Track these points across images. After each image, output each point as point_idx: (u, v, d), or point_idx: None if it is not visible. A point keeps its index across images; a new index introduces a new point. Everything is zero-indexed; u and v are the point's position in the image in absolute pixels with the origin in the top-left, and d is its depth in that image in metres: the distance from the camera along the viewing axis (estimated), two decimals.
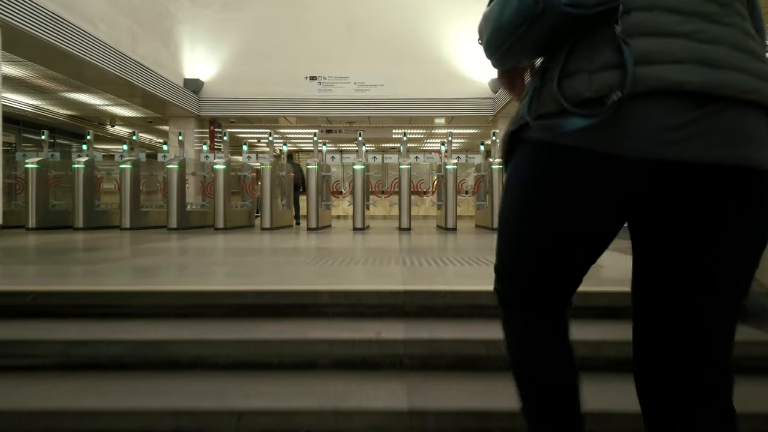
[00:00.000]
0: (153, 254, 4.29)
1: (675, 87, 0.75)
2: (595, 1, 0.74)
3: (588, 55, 0.79)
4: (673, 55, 0.76)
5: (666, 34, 0.77)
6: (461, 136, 16.23)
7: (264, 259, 3.45)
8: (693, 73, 0.75)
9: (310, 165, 8.48)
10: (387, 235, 7.09)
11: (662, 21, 0.78)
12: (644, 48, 0.76)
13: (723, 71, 0.75)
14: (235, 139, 16.47)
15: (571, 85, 0.79)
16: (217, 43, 12.25)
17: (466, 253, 4.29)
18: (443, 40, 12.09)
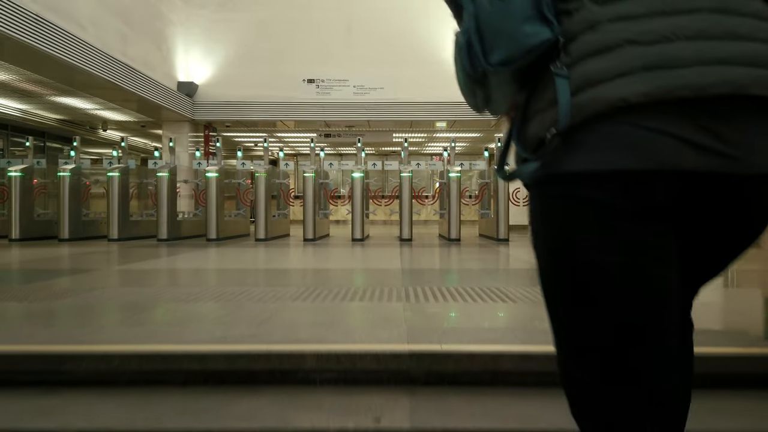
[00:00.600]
0: (121, 282, 3.92)
1: (619, 103, 0.67)
2: (524, 50, 0.71)
3: (540, 95, 0.75)
4: (616, 69, 0.68)
5: (609, 47, 0.69)
6: (463, 140, 15.85)
7: (247, 292, 3.07)
8: (638, 83, 0.67)
9: (306, 173, 8.10)
10: (387, 248, 6.71)
11: (605, 35, 0.70)
12: (584, 72, 0.70)
13: (679, 71, 0.66)
14: (232, 142, 16.11)
15: (529, 129, 0.76)
16: (212, 45, 11.87)
17: (476, 279, 3.92)
18: (445, 41, 11.65)
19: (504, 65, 0.73)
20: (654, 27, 0.68)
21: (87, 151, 15.65)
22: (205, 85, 11.81)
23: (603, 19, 0.70)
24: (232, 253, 6.18)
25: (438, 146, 17.84)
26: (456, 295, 2.89)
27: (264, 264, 4.74)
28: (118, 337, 1.95)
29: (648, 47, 0.68)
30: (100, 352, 1.74)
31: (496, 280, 3.78)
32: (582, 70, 0.70)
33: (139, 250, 6.56)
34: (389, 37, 11.79)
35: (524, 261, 4.99)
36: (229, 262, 5.22)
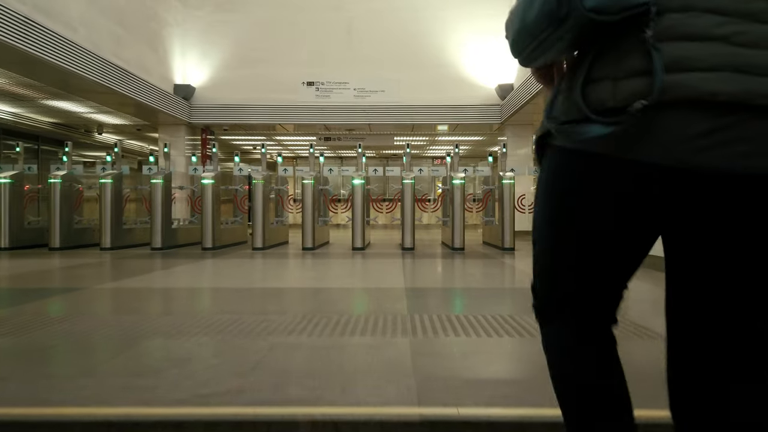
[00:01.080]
0: (99, 307, 3.66)
1: (707, 97, 0.70)
2: (621, 6, 0.70)
3: (615, 61, 0.75)
4: (707, 61, 0.71)
5: (702, 37, 0.72)
6: (466, 143, 15.58)
7: (238, 322, 2.80)
8: (728, 82, 0.70)
9: (305, 179, 7.84)
10: (389, 259, 6.44)
11: (698, 23, 0.72)
12: (676, 54, 0.72)
13: (764, 79, 0.70)
14: (230, 146, 15.84)
15: (594, 91, 0.77)
16: (210, 47, 11.62)
17: (487, 303, 3.65)
18: (448, 43, 11.46)
19: (596, 12, 0.71)
20: (746, 29, 0.71)
21: (83, 154, 15.41)
22: (202, 88, 11.56)
23: (698, 6, 0.72)
24: (226, 265, 5.91)
25: (440, 149, 17.58)
26: (468, 327, 2.62)
27: (259, 281, 4.47)
28: (70, 395, 1.66)
29: (740, 49, 0.71)
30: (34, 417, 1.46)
31: (509, 304, 3.52)
32: (674, 51, 0.71)
33: (129, 262, 6.30)
34: (390, 38, 11.54)
35: None
36: (222, 278, 4.95)
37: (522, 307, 3.04)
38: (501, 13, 5.41)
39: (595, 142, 0.76)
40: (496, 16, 10.54)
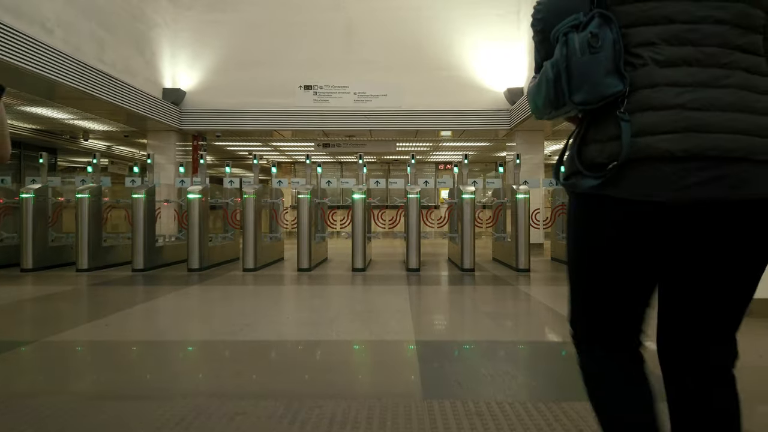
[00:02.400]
0: (26, 380, 3.01)
1: (666, 154, 0.93)
2: (600, 97, 0.98)
3: (601, 129, 1.01)
4: (666, 126, 0.94)
5: (663, 107, 0.95)
6: (472, 149, 14.93)
7: (200, 412, 2.16)
8: (682, 141, 0.92)
9: (301, 193, 7.19)
10: (393, 286, 5.79)
11: (660, 96, 0.96)
12: (643, 122, 0.95)
13: (711, 135, 0.92)
14: (224, 152, 15.18)
15: (587, 152, 1.02)
16: (201, 49, 10.98)
17: (527, 376, 3.01)
18: (453, 45, 10.82)
19: (583, 104, 1.01)
20: (698, 96, 0.94)
21: (72, 161, 14.76)
22: (193, 92, 10.91)
23: (661, 82, 0.97)
24: (206, 299, 5.26)
25: (444, 155, 16.92)
26: (498, 415, 1.98)
27: (240, 328, 3.80)
28: None
29: (692, 112, 0.94)
30: None
31: (549, 373, 2.87)
32: (641, 120, 0.96)
33: (100, 291, 5.65)
34: (392, 40, 10.90)
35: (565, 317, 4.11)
36: (196, 321, 4.29)
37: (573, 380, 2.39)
38: (509, 13, 4.58)
39: (591, 189, 1.01)
40: (504, 16, 9.83)
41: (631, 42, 0.99)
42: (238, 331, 3.57)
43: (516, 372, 2.72)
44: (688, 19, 0.97)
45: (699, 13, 0.97)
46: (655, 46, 0.98)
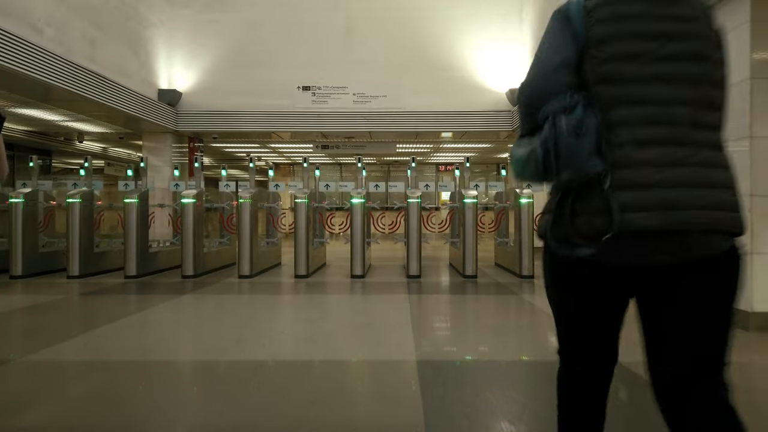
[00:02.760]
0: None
1: (644, 229, 1.09)
2: (584, 175, 1.11)
3: (588, 203, 1.13)
4: (644, 204, 1.09)
5: (641, 186, 1.10)
6: (472, 150, 14.72)
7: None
8: (656, 218, 1.09)
9: (298, 198, 6.98)
10: (393, 295, 5.59)
11: (638, 176, 1.11)
12: (625, 200, 1.10)
13: (680, 212, 1.09)
14: (222, 153, 14.98)
15: (578, 223, 1.15)
16: (197, 49, 10.77)
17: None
18: (455, 45, 10.61)
19: (569, 182, 1.14)
20: (667, 175, 1.10)
21: (68, 162, 14.56)
22: (190, 93, 10.70)
23: (637, 162, 1.11)
24: (198, 310, 5.06)
25: (445, 156, 16.72)
26: None
27: (231, 345, 3.60)
28: None
29: (664, 191, 1.09)
30: None
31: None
32: (623, 198, 1.10)
33: (89, 301, 5.45)
34: (392, 39, 10.70)
35: None
36: (186, 337, 4.08)
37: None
38: (511, 13, 4.16)
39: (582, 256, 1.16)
40: (506, 16, 9.61)
41: (610, 120, 1.13)
42: (229, 349, 3.36)
43: (525, 399, 2.51)
44: (660, 100, 1.12)
45: (670, 95, 1.13)
46: (631, 127, 1.12)
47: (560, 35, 1.20)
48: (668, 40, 1.14)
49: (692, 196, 1.10)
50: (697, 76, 1.15)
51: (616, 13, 1.16)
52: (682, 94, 1.14)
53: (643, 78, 1.14)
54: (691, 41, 1.15)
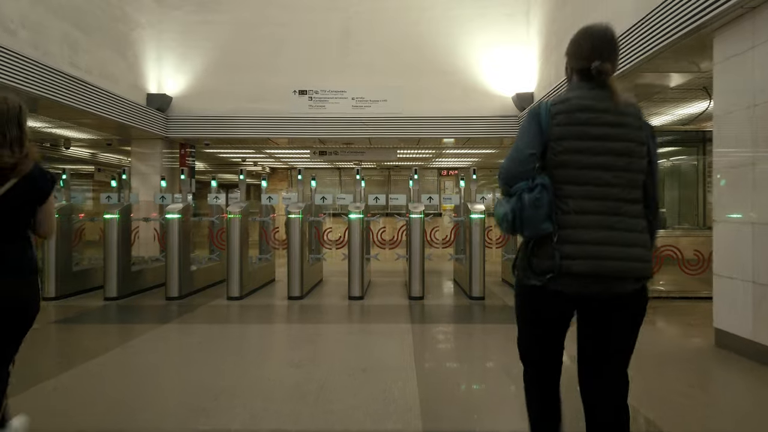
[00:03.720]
0: None
1: (578, 273, 1.62)
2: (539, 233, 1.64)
3: (541, 251, 1.67)
4: (579, 256, 1.62)
5: (579, 242, 1.63)
6: (476, 156, 14.22)
7: None
8: (587, 266, 1.61)
9: (291, 213, 6.47)
10: (395, 324, 5.08)
11: (577, 235, 1.64)
12: (565, 251, 1.62)
13: (606, 261, 1.61)
14: (216, 158, 14.48)
15: (534, 263, 1.68)
16: (189, 51, 10.27)
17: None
18: (458, 46, 10.11)
19: (529, 237, 1.69)
20: (598, 236, 1.62)
21: (55, 167, 14.02)
22: (180, 98, 10.20)
23: (577, 225, 1.63)
24: (176, 347, 4.55)
25: (447, 161, 16.20)
26: None
27: (211, 398, 3.11)
28: None
29: (594, 247, 1.61)
30: None
31: None
32: (564, 249, 1.62)
33: (55, 332, 4.95)
34: (393, 41, 10.20)
35: None
36: (157, 386, 3.58)
37: None
38: (518, 13, 3.44)
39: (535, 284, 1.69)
40: (513, 16, 9.05)
41: (562, 193, 1.68)
42: (208, 409, 2.86)
43: None
44: (598, 182, 1.66)
45: (605, 179, 1.66)
46: (576, 199, 1.67)
47: (533, 132, 1.69)
48: (605, 140, 1.66)
49: (613, 251, 1.62)
50: (624, 165, 1.66)
51: (569, 119, 1.67)
52: (613, 178, 1.66)
53: (586, 166, 1.66)
54: (620, 142, 1.67)
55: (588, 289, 1.65)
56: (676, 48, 4.81)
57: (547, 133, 1.67)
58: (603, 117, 1.67)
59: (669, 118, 8.26)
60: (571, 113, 1.67)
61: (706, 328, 4.52)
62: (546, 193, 1.62)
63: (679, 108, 7.62)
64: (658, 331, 4.91)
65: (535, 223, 1.62)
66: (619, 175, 1.65)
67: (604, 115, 1.67)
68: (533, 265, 1.68)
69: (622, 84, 5.94)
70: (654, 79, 6.13)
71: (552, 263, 1.63)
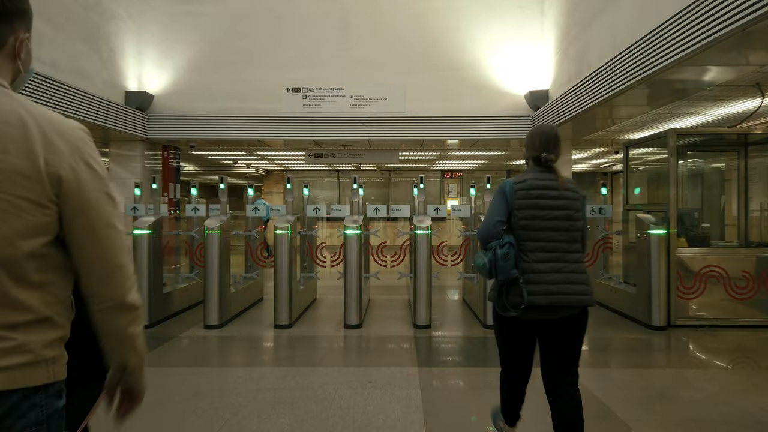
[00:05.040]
0: None
1: (539, 305, 2.28)
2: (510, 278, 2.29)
3: (512, 291, 2.31)
4: (539, 292, 2.27)
5: (539, 283, 2.28)
6: (482, 158, 13.36)
7: None
8: (546, 300, 2.27)
9: (279, 228, 5.63)
10: (398, 366, 4.23)
11: (536, 278, 2.29)
12: (529, 290, 2.28)
13: (555, 296, 2.28)
14: (205, 161, 13.64)
15: (509, 300, 2.31)
16: (172, 45, 9.42)
17: None
18: (466, 41, 9.26)
19: (503, 281, 2.33)
20: (551, 278, 2.31)
21: None
22: (163, 96, 9.34)
23: (535, 271, 2.31)
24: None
25: (451, 163, 15.35)
26: None
27: None
28: None
29: (548, 286, 2.29)
30: None
31: None
32: (528, 288, 2.28)
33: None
34: (395, 35, 9.35)
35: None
36: None
37: None
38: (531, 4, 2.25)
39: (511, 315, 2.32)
40: (526, 8, 7.97)
41: (524, 248, 2.34)
42: None
43: None
44: (549, 239, 2.34)
45: (553, 237, 2.34)
46: (534, 252, 2.33)
47: (500, 204, 2.37)
48: (552, 209, 2.35)
49: (563, 288, 2.30)
50: (567, 227, 2.36)
51: (527, 195, 2.35)
52: (559, 236, 2.35)
53: (540, 228, 2.35)
54: (562, 210, 2.36)
55: (544, 316, 2.32)
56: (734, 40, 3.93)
57: (511, 204, 2.34)
58: (549, 193, 2.34)
59: (703, 118, 7.41)
60: (527, 190, 2.34)
61: None
62: (512, 248, 2.30)
63: (719, 107, 6.76)
64: (725, 382, 4.05)
65: (506, 270, 2.27)
66: (563, 233, 2.34)
67: (550, 191, 2.35)
68: (509, 301, 2.31)
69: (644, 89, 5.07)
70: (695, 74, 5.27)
71: (522, 299, 2.27)
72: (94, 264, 1.05)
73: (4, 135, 0.97)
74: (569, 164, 9.41)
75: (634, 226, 6.20)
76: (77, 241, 1.04)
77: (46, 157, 0.99)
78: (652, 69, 4.79)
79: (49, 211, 1.01)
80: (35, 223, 1.00)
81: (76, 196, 1.03)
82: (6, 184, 0.95)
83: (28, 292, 1.00)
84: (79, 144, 1.08)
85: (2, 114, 0.98)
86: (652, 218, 5.67)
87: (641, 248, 5.67)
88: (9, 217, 0.97)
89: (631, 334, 5.38)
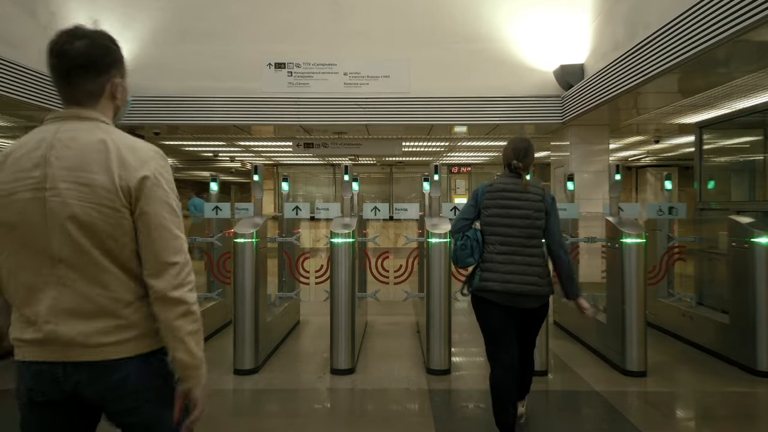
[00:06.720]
0: None
1: (495, 289, 2.67)
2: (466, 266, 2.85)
3: (474, 275, 2.83)
4: (494, 279, 2.68)
5: (495, 271, 2.68)
6: (496, 149, 11.80)
7: None
8: (499, 286, 2.66)
9: (241, 236, 4.07)
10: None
11: (494, 267, 2.70)
12: (485, 276, 2.71)
13: (511, 284, 2.65)
14: (182, 153, 12.08)
15: (473, 282, 2.80)
16: (134, 13, 7.88)
17: None
18: (482, 8, 7.73)
19: (461, 267, 2.86)
20: (508, 269, 2.69)
21: None
22: None
23: (495, 260, 2.71)
24: None
25: (459, 156, 13.78)
26: None
27: None
28: None
29: (505, 275, 2.67)
30: None
31: None
32: (485, 276, 2.71)
33: None
34: (397, 2, 7.81)
35: None
36: None
37: None
38: None
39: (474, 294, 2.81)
40: None
41: (488, 240, 2.74)
42: None
43: None
44: (507, 234, 2.71)
45: (511, 233, 2.71)
46: (495, 245, 2.71)
47: (470, 205, 2.82)
48: (511, 209, 2.69)
49: (515, 278, 2.64)
50: (525, 225, 2.68)
51: (492, 196, 2.74)
52: (518, 233, 2.68)
53: (501, 224, 2.70)
54: (522, 210, 2.68)
55: (503, 301, 2.67)
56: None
57: (480, 204, 2.79)
58: (511, 195, 2.72)
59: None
60: (493, 192, 2.76)
61: None
62: (468, 241, 2.76)
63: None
64: None
65: (462, 258, 2.77)
66: (521, 230, 2.69)
67: (512, 193, 2.72)
68: (470, 284, 2.80)
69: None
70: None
71: (479, 283, 2.72)
72: (148, 259, 1.27)
73: (91, 159, 1.26)
74: (607, 154, 7.86)
75: (717, 231, 4.69)
76: (138, 239, 1.27)
77: (120, 173, 1.26)
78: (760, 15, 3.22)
79: (124, 214, 1.25)
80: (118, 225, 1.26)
81: (139, 201, 1.26)
82: (95, 196, 1.24)
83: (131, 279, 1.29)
84: (148, 161, 1.31)
85: (91, 144, 1.28)
86: (756, 222, 4.13)
87: (738, 262, 4.14)
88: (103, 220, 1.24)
89: (729, 385, 3.85)
